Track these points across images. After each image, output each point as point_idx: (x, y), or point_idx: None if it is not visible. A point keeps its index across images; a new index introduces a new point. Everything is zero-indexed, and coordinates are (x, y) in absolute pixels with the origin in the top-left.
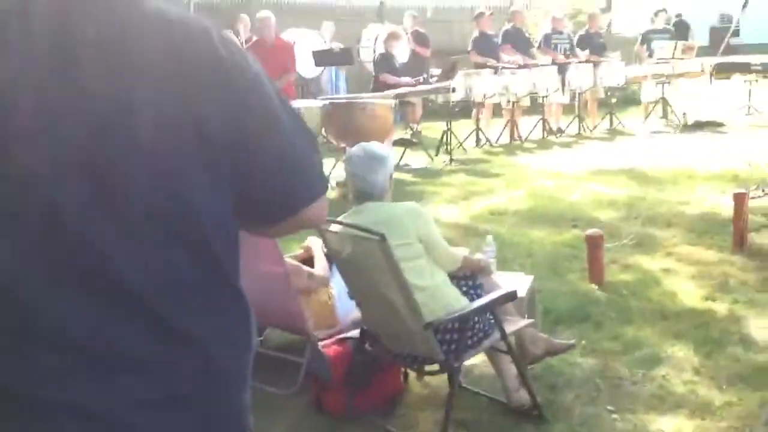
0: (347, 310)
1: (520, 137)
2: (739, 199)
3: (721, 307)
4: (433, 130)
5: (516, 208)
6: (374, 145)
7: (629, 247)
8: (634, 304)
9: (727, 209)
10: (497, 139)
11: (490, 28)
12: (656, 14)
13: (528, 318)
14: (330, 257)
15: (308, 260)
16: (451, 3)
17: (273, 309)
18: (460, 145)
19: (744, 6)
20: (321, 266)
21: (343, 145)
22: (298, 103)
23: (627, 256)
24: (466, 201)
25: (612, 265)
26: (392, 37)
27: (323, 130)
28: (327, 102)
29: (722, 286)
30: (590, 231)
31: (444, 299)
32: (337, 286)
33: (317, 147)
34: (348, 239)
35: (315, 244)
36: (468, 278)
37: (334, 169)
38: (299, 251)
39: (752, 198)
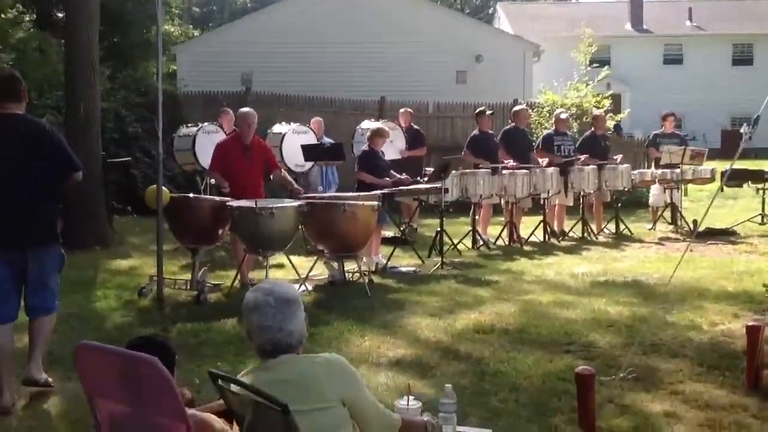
0: None
1: (520, 240)
2: (753, 333)
3: None
4: (430, 227)
5: (504, 325)
6: (283, 287)
7: (628, 382)
8: None
9: (740, 338)
10: (495, 241)
11: (490, 126)
12: (664, 118)
13: None
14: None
15: (224, 413)
16: (453, 98)
17: None
18: (454, 246)
19: (755, 122)
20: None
21: (321, 247)
22: (270, 203)
23: (625, 394)
24: (451, 314)
25: (607, 405)
26: (376, 134)
27: (303, 230)
28: (303, 202)
29: None
30: (580, 368)
31: None
32: None
33: None
34: (248, 404)
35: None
36: None
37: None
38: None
39: None
